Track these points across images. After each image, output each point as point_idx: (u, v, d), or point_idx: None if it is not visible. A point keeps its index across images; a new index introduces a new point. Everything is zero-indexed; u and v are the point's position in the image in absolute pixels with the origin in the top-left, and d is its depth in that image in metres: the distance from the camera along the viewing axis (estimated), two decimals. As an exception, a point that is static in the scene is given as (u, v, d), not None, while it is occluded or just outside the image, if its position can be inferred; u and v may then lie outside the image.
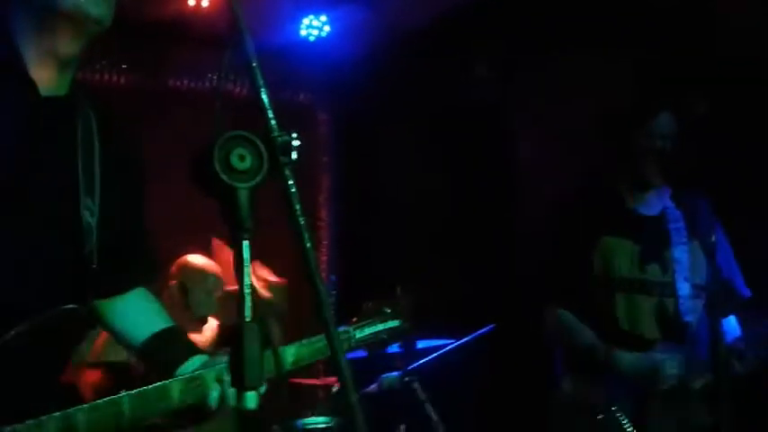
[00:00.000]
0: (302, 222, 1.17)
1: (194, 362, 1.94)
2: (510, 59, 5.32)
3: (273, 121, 1.18)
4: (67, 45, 1.79)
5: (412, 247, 5.54)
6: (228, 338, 1.14)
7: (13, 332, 1.65)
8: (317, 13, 5.26)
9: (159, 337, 1.99)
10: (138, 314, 2.03)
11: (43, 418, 1.66)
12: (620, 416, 2.97)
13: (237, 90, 5.28)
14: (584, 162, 4.31)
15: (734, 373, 2.94)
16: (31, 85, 1.78)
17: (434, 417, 3.88)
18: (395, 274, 5.30)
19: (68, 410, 1.69)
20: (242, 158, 1.15)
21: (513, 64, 5.34)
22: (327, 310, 1.28)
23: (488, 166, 5.48)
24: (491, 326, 4.22)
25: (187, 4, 4.93)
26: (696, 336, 3.14)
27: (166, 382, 1.81)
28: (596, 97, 4.71)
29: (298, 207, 1.16)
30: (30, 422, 1.66)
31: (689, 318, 3.12)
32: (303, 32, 5.35)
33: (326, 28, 5.32)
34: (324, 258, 6.02)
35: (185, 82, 5.56)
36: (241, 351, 1.11)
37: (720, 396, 2.55)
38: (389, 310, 2.15)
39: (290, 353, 1.94)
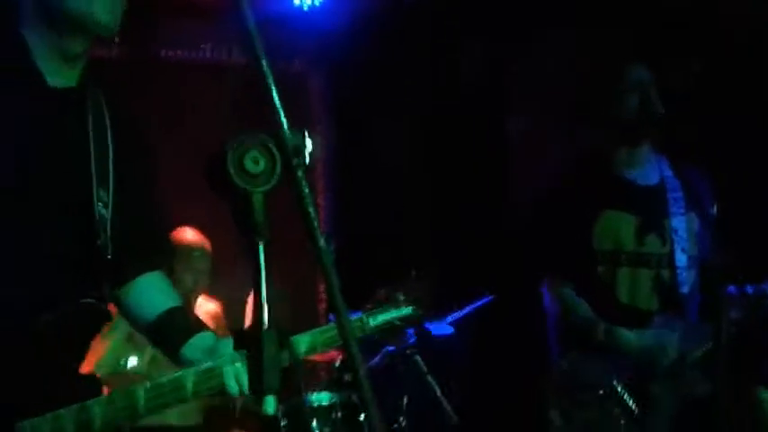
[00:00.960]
0: (316, 224, 1.16)
1: (202, 338, 1.95)
2: (502, 30, 5.30)
3: (285, 123, 1.17)
4: (74, 45, 1.82)
5: (405, 218, 5.54)
6: (246, 343, 1.13)
7: (30, 327, 1.67)
8: (309, -18, 5.20)
9: (168, 314, 2.01)
10: (150, 297, 2.04)
11: (61, 411, 1.68)
12: (621, 390, 2.98)
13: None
14: (569, 132, 4.31)
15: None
16: (36, 74, 1.78)
17: (436, 389, 3.92)
18: (388, 243, 5.38)
19: (86, 403, 1.71)
20: (256, 162, 1.13)
21: (505, 35, 5.31)
22: (340, 302, 1.27)
23: (482, 136, 5.47)
24: (489, 297, 4.26)
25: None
26: (690, 306, 3.15)
27: (180, 373, 1.82)
28: (585, 74, 4.71)
29: (311, 210, 1.15)
30: (48, 415, 1.67)
31: (685, 289, 3.13)
32: (297, 1, 5.30)
33: (318, -4, 5.27)
34: (321, 226, 6.01)
35: (178, 53, 5.51)
36: (260, 357, 1.10)
37: (717, 367, 2.56)
38: (403, 297, 2.13)
39: (303, 341, 1.95)
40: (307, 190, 1.15)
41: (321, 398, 3.71)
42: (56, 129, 1.80)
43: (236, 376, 1.81)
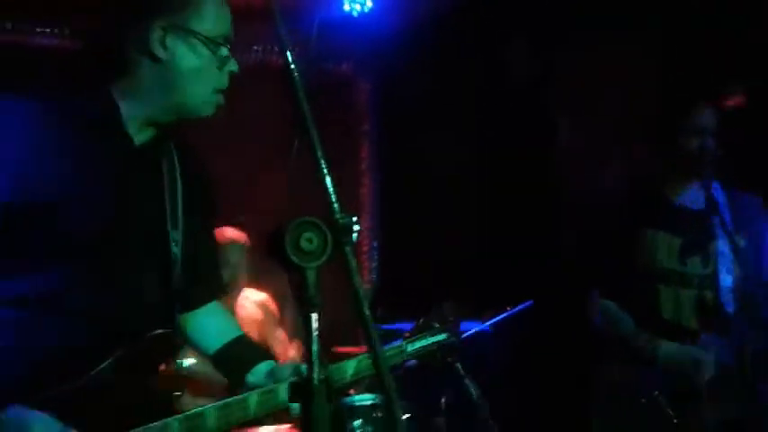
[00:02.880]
0: (361, 293, 1.33)
1: (262, 367, 2.18)
2: (551, 39, 5.37)
3: (336, 204, 1.34)
4: (168, 118, 2.08)
5: (452, 219, 5.66)
6: (298, 395, 1.31)
7: (110, 359, 1.88)
8: (359, -10, 5.35)
9: (230, 345, 2.25)
10: (211, 326, 2.28)
11: (142, 428, 1.91)
12: (663, 401, 3.10)
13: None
14: (624, 147, 4.40)
15: None
16: (127, 138, 2.02)
17: (474, 392, 4.06)
18: (436, 243, 5.50)
19: (167, 420, 1.95)
20: (310, 241, 1.31)
21: (554, 43, 5.38)
22: (376, 340, 1.43)
23: (529, 143, 5.55)
24: (529, 302, 4.36)
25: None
26: (737, 326, 3.24)
27: (245, 394, 2.05)
28: (635, 81, 4.79)
29: (357, 279, 1.32)
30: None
31: (730, 308, 3.24)
32: (346, 7, 5.45)
33: (369, 3, 5.41)
34: (365, 225, 6.18)
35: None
36: (309, 410, 1.29)
37: (746, 396, 2.68)
38: (438, 325, 2.35)
39: (350, 366, 2.17)
40: (354, 264, 1.32)
41: (363, 398, 3.88)
42: (139, 181, 2.04)
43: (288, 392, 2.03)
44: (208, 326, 2.26)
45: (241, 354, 2.22)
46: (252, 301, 4.51)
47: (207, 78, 2.02)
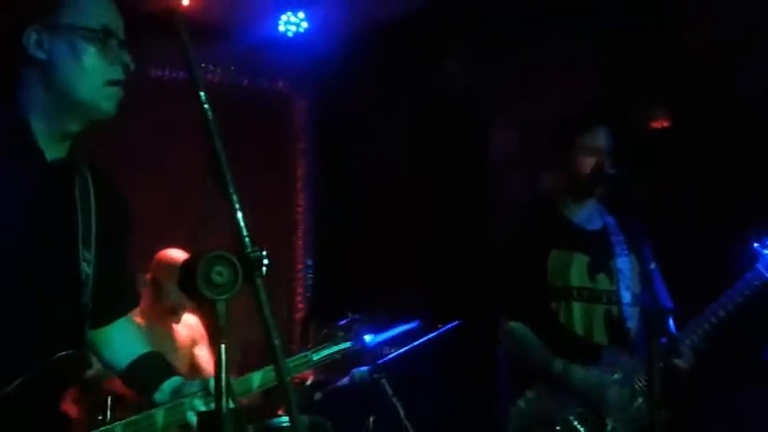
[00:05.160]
0: (270, 323, 1.38)
1: (168, 384, 2.19)
2: (484, 50, 5.48)
3: (247, 239, 1.39)
4: (76, 126, 2.05)
5: (385, 235, 5.72)
6: (207, 427, 1.35)
7: (17, 381, 1.88)
8: (294, 10, 5.40)
9: (139, 362, 2.26)
10: (121, 342, 2.28)
11: None
12: (578, 425, 3.21)
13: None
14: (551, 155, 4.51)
15: (675, 368, 3.21)
16: (39, 153, 2.01)
17: (401, 412, 4.13)
18: (368, 260, 5.56)
19: None
20: (220, 274, 1.36)
21: (486, 56, 5.50)
22: (279, 351, 1.48)
23: (461, 157, 5.66)
24: (456, 322, 4.43)
25: None
26: (637, 339, 3.38)
27: (152, 410, 2.09)
28: (567, 91, 4.93)
29: (267, 311, 1.37)
30: None
31: (630, 324, 3.38)
32: (282, 28, 5.50)
33: (304, 24, 5.47)
34: (299, 243, 6.22)
35: (167, 72, 5.70)
36: (219, 438, 1.33)
37: (653, 411, 2.78)
38: (342, 334, 2.45)
39: (256, 378, 2.22)
40: (264, 297, 1.37)
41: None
42: (50, 198, 2.03)
43: (194, 410, 2.06)
44: (117, 343, 2.27)
45: (148, 371, 2.23)
46: (185, 325, 4.50)
47: (93, 72, 1.98)
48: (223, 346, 1.34)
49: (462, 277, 5.08)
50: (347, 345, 2.45)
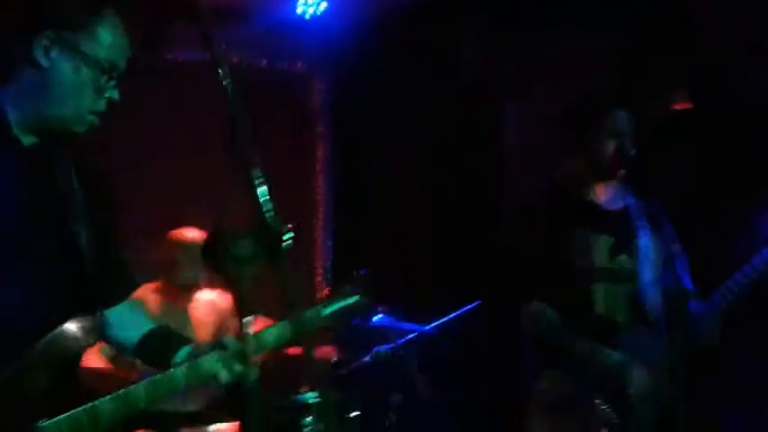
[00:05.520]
0: (293, 295, 1.40)
1: (184, 350, 2.22)
2: (499, 36, 5.47)
3: (270, 214, 1.40)
4: (43, 129, 2.13)
5: (404, 216, 5.74)
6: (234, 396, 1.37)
7: (28, 352, 1.94)
8: (312, -8, 5.40)
9: (150, 336, 2.30)
10: (128, 322, 2.33)
11: (73, 411, 1.95)
12: (601, 405, 3.20)
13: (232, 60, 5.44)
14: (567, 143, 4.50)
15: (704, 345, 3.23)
16: (16, 140, 2.09)
17: (425, 390, 4.16)
18: (388, 241, 5.58)
19: (94, 402, 1.99)
20: (243, 250, 1.38)
21: (503, 41, 5.48)
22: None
23: (478, 141, 5.65)
24: (477, 302, 4.43)
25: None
26: (658, 319, 3.38)
27: (172, 370, 2.11)
28: (581, 78, 4.91)
29: (291, 287, 1.39)
30: (62, 417, 1.93)
31: (651, 303, 3.38)
32: (299, 10, 5.50)
33: (323, 5, 5.46)
34: (319, 225, 6.23)
35: (182, 55, 5.70)
36: (248, 410, 1.35)
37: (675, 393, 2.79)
38: (350, 288, 2.46)
39: (271, 333, 2.20)
40: (286, 269, 1.39)
41: (315, 396, 3.96)
42: (33, 181, 2.11)
43: (221, 365, 2.05)
44: (124, 323, 2.30)
45: (160, 343, 2.27)
46: (203, 302, 4.52)
47: (82, 97, 2.09)
48: (247, 319, 1.36)
49: (483, 259, 5.11)
50: (356, 299, 2.46)
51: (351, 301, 2.44)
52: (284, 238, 1.40)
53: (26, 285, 2.03)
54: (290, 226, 1.39)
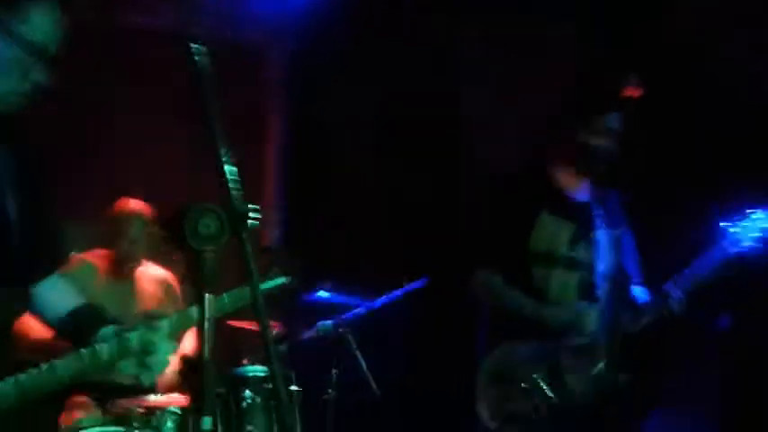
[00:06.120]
0: (255, 276, 1.42)
1: (105, 331, 2.23)
2: (461, 9, 5.49)
3: (235, 192, 1.42)
4: None
5: (358, 194, 5.73)
6: (189, 370, 1.39)
7: None
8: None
9: (73, 314, 2.30)
10: (55, 298, 2.33)
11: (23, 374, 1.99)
12: (541, 383, 3.31)
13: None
14: (528, 121, 4.56)
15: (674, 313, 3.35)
16: None
17: (364, 367, 4.21)
18: (341, 218, 5.58)
19: (19, 375, 2.02)
20: (207, 227, 1.39)
21: (464, 13, 5.51)
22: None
23: (437, 118, 5.68)
24: (423, 279, 4.48)
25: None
26: (606, 308, 3.47)
27: (97, 345, 2.13)
28: (541, 59, 4.96)
29: (252, 266, 1.40)
30: (10, 378, 1.97)
31: (601, 293, 3.48)
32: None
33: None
34: (273, 198, 6.19)
35: (137, 19, 5.62)
36: (201, 384, 1.37)
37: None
38: (276, 269, 2.51)
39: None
40: (249, 249, 1.40)
41: (255, 369, 3.98)
42: None
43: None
44: (51, 298, 2.31)
45: (81, 320, 2.27)
46: (151, 276, 4.47)
47: (9, 77, 2.08)
48: (208, 296, 1.37)
49: (439, 234, 5.16)
50: (282, 279, 2.50)
51: (277, 282, 2.49)
52: (248, 216, 1.41)
53: None
54: (253, 207, 1.40)
